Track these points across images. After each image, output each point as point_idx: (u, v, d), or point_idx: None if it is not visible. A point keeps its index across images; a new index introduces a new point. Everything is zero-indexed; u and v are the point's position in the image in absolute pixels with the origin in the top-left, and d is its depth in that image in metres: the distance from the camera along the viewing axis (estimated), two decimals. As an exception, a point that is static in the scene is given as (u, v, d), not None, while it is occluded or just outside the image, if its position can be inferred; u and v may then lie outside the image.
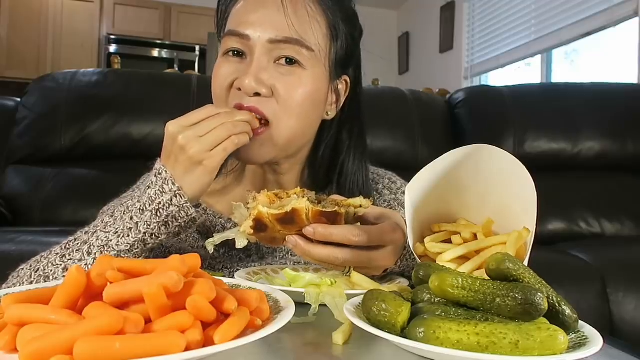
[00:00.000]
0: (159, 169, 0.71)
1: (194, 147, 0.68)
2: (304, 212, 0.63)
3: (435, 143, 2.08)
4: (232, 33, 0.80)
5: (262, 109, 0.78)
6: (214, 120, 0.70)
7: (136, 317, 0.37)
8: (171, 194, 0.69)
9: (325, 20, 0.83)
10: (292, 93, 0.79)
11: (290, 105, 0.79)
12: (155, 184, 0.70)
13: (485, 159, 0.66)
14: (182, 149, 0.69)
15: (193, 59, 5.49)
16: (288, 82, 0.79)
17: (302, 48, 0.79)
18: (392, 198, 0.97)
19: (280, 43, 0.78)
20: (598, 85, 2.32)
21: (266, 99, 0.78)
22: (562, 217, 2.00)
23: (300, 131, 0.83)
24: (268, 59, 0.79)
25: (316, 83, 0.82)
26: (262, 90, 0.77)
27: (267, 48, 0.78)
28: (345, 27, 0.86)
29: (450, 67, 4.97)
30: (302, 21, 0.79)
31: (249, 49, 0.79)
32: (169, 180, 0.70)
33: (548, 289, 0.49)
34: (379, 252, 0.68)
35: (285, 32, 0.78)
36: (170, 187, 0.69)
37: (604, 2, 3.22)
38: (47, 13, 5.09)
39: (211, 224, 0.88)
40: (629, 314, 1.46)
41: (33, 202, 1.74)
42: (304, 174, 0.94)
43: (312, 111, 0.83)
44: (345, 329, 0.50)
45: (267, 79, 0.78)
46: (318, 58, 0.82)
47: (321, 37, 0.82)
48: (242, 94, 0.78)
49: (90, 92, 1.88)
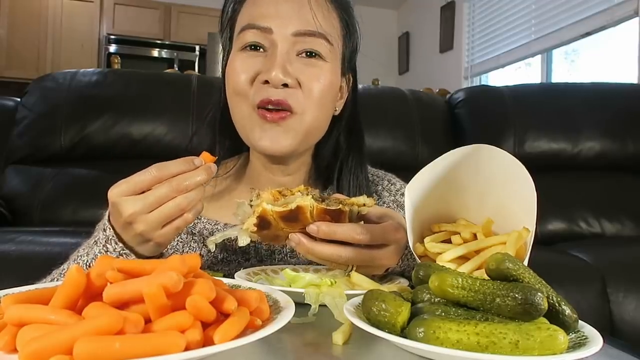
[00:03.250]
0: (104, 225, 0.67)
1: (140, 226, 0.62)
2: (308, 209, 0.62)
3: (435, 143, 2.08)
4: (252, 26, 0.81)
5: (289, 100, 0.79)
6: (162, 189, 0.61)
7: (136, 317, 0.37)
8: (116, 253, 0.66)
9: (339, 19, 0.87)
10: (316, 84, 0.81)
11: (314, 96, 0.81)
12: (100, 242, 0.67)
13: (485, 159, 0.66)
14: (130, 225, 0.62)
15: (193, 59, 5.48)
16: (312, 73, 0.81)
17: (324, 41, 0.82)
18: (392, 200, 0.97)
19: (304, 36, 0.80)
20: (598, 85, 2.32)
21: (293, 90, 0.80)
22: (562, 217, 2.00)
23: (320, 122, 0.85)
24: (291, 52, 0.81)
25: (334, 76, 0.85)
26: (289, 81, 0.79)
27: (291, 41, 0.80)
28: (353, 30, 0.90)
29: (450, 67, 4.97)
30: (324, 15, 0.82)
31: (270, 42, 0.81)
32: (111, 239, 0.66)
33: (548, 289, 0.49)
34: (381, 250, 0.68)
35: (310, 25, 0.80)
36: (114, 246, 0.66)
37: (604, 2, 3.22)
38: (47, 13, 5.08)
39: (209, 233, 0.87)
40: (629, 314, 1.46)
41: (33, 202, 1.74)
42: (309, 175, 0.95)
43: (330, 103, 0.86)
44: (345, 329, 0.50)
45: (292, 71, 0.80)
46: (335, 52, 0.85)
47: (337, 33, 0.86)
48: (267, 87, 0.79)
49: (90, 92, 1.88)
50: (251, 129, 0.82)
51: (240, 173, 0.95)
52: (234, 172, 0.95)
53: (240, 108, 0.83)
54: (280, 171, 0.90)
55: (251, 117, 0.81)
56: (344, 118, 0.94)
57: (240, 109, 0.83)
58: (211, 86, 0.87)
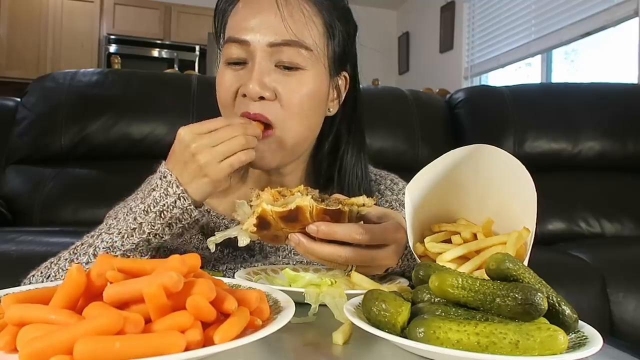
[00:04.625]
0: (163, 172, 0.72)
1: (205, 156, 0.69)
2: (307, 209, 0.63)
3: (435, 143, 2.08)
4: (232, 40, 0.82)
5: (267, 113, 0.79)
6: (228, 130, 0.70)
7: (136, 317, 0.37)
8: (175, 196, 0.70)
9: (320, 19, 0.85)
10: (294, 95, 0.81)
11: (293, 107, 0.81)
12: (160, 187, 0.71)
13: (485, 159, 0.66)
14: (193, 157, 0.69)
15: (193, 59, 5.49)
16: (290, 84, 0.81)
17: (301, 49, 0.81)
18: (394, 199, 0.97)
19: (279, 46, 0.80)
20: (598, 85, 2.32)
21: (270, 103, 0.80)
22: (562, 217, 2.00)
23: (304, 132, 0.85)
24: (269, 63, 0.80)
25: (317, 82, 0.84)
26: (265, 93, 0.79)
27: (268, 52, 0.80)
28: (341, 24, 0.88)
29: (450, 67, 4.97)
30: (298, 22, 0.81)
31: (250, 54, 0.81)
32: (173, 183, 0.70)
33: (548, 289, 0.49)
34: (381, 251, 0.68)
35: (283, 35, 0.80)
36: (175, 189, 0.70)
37: (604, 2, 3.22)
38: (47, 13, 5.09)
39: (215, 225, 0.89)
40: (629, 314, 1.46)
41: (33, 202, 1.74)
42: (308, 172, 0.95)
43: (314, 110, 0.85)
44: (345, 329, 0.50)
45: (269, 82, 0.79)
46: (317, 57, 0.83)
47: (318, 36, 0.84)
48: (247, 100, 0.80)
49: (90, 92, 1.88)
50: None
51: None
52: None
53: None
54: (277, 172, 0.91)
55: None
56: (343, 114, 0.93)
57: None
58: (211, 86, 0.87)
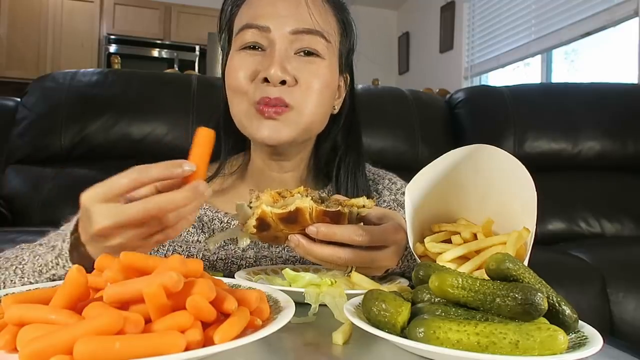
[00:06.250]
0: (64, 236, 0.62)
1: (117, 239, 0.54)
2: (307, 211, 0.63)
3: (435, 143, 2.08)
4: (250, 26, 0.83)
5: (287, 99, 0.81)
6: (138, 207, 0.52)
7: (136, 317, 0.37)
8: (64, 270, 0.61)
9: (335, 16, 0.88)
10: (314, 81, 0.83)
11: (312, 92, 0.83)
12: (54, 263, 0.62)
13: (485, 159, 0.66)
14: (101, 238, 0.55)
15: (193, 59, 5.49)
16: (309, 71, 0.83)
17: (322, 39, 0.83)
18: (392, 199, 0.97)
19: (302, 34, 0.82)
20: (598, 85, 2.32)
21: (290, 88, 0.81)
22: (562, 217, 2.00)
23: (319, 117, 0.86)
24: (289, 50, 0.82)
25: (332, 74, 0.86)
26: (287, 77, 0.80)
27: (289, 39, 0.82)
28: (352, 26, 0.92)
29: (450, 67, 4.96)
30: (320, 13, 0.84)
31: (269, 41, 0.82)
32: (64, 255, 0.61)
33: (548, 289, 0.49)
34: (381, 252, 0.68)
35: (307, 23, 0.82)
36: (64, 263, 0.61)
37: (604, 2, 3.22)
38: (47, 13, 5.08)
39: (209, 219, 0.89)
40: (629, 314, 1.46)
41: (33, 202, 1.74)
42: (307, 172, 0.95)
43: (328, 100, 0.87)
44: (345, 329, 0.50)
45: (290, 68, 0.81)
46: (333, 50, 0.86)
47: (334, 31, 0.87)
48: (266, 85, 0.80)
49: (90, 92, 1.88)
50: (250, 122, 0.83)
51: (244, 171, 0.97)
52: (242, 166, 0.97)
53: (239, 105, 0.84)
54: (279, 167, 0.91)
55: (249, 112, 0.83)
56: (342, 117, 0.95)
57: (239, 106, 0.85)
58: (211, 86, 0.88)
